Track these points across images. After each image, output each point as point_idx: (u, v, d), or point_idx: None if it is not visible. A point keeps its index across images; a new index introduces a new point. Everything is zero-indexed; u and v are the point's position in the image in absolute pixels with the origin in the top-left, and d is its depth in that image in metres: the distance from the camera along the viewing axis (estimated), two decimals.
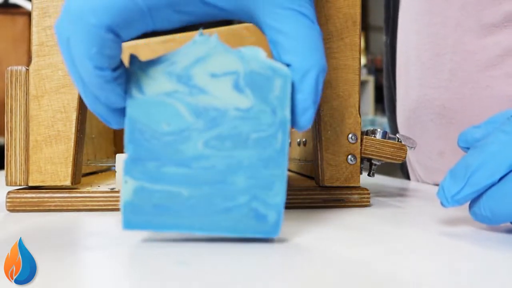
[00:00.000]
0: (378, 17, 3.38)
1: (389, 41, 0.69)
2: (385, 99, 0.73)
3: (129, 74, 0.23)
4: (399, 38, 0.64)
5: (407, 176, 0.69)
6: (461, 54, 0.51)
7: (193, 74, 0.24)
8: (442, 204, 0.28)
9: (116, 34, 0.22)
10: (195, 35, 0.24)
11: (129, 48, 0.64)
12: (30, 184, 0.35)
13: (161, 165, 0.23)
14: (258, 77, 0.24)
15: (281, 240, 0.26)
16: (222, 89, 0.24)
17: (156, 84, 0.23)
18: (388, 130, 0.57)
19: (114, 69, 0.23)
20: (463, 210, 0.36)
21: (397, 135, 0.39)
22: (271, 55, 0.25)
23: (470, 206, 0.28)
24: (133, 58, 0.23)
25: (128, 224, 0.24)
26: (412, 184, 0.62)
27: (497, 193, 0.26)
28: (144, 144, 0.23)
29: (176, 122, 0.23)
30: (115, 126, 0.25)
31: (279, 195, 0.24)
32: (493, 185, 0.27)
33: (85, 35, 0.22)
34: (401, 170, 0.72)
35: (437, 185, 0.58)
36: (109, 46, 0.22)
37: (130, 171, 0.23)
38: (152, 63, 0.23)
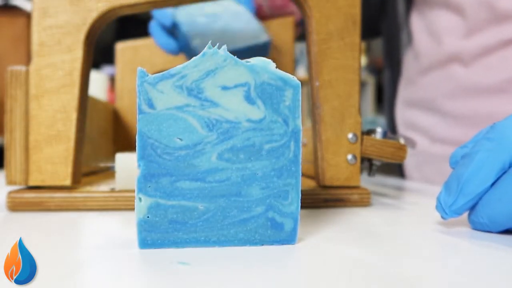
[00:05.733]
0: None
1: (390, 76, 0.72)
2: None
3: (138, 89, 0.23)
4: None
5: (401, 173, 0.71)
6: (445, 54, 0.57)
7: (204, 87, 0.24)
8: (442, 217, 0.29)
9: None
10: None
11: (129, 48, 0.64)
12: (30, 184, 0.35)
13: (175, 180, 0.23)
14: (268, 88, 0.24)
15: None
16: (233, 101, 0.24)
17: (166, 99, 0.23)
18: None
19: None
20: None
21: (397, 135, 0.39)
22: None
23: (468, 215, 0.29)
24: (141, 72, 0.23)
25: (144, 243, 0.24)
26: (412, 184, 0.62)
27: (491, 199, 0.27)
28: (157, 160, 0.23)
29: (188, 136, 0.23)
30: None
31: (294, 204, 0.25)
32: (486, 192, 0.27)
33: None
34: (398, 169, 0.74)
35: (427, 182, 0.61)
36: None
37: (144, 188, 0.23)
38: (161, 77, 0.23)
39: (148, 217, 0.23)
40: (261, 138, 0.24)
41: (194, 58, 0.24)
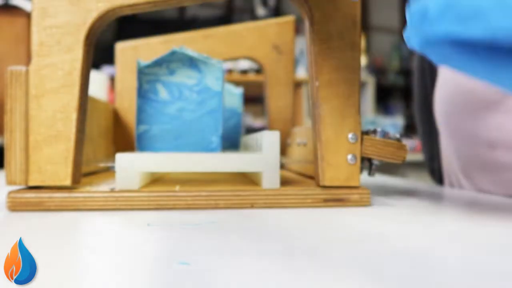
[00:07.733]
0: (378, 17, 3.37)
1: None
2: (416, 96, 0.63)
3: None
4: None
5: (439, 180, 0.63)
6: None
7: None
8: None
9: None
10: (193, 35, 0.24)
11: (129, 48, 0.64)
12: (30, 184, 0.35)
13: None
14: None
15: (282, 240, 0.26)
16: None
17: None
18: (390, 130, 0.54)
19: None
20: (462, 208, 0.36)
21: (397, 135, 0.39)
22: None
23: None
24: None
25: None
26: (412, 184, 0.62)
27: None
28: None
29: None
30: None
31: None
32: None
33: None
34: (432, 174, 0.64)
35: (479, 191, 0.50)
36: None
37: None
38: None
39: None
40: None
41: None
